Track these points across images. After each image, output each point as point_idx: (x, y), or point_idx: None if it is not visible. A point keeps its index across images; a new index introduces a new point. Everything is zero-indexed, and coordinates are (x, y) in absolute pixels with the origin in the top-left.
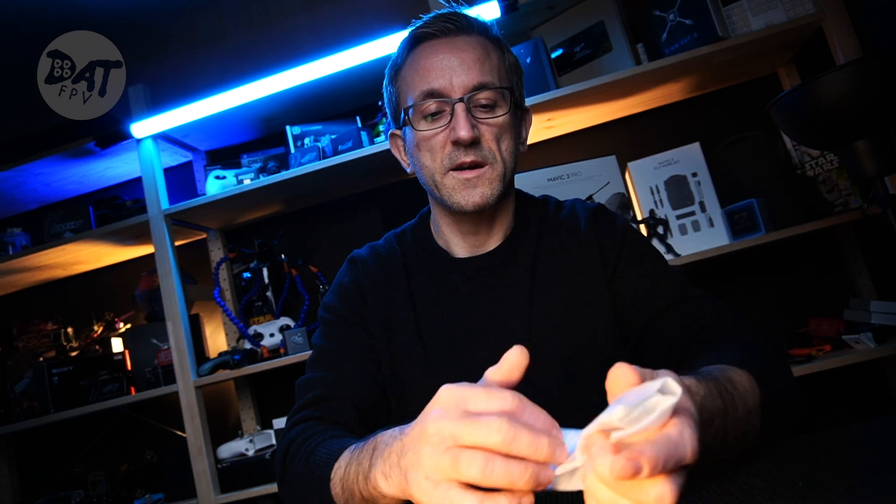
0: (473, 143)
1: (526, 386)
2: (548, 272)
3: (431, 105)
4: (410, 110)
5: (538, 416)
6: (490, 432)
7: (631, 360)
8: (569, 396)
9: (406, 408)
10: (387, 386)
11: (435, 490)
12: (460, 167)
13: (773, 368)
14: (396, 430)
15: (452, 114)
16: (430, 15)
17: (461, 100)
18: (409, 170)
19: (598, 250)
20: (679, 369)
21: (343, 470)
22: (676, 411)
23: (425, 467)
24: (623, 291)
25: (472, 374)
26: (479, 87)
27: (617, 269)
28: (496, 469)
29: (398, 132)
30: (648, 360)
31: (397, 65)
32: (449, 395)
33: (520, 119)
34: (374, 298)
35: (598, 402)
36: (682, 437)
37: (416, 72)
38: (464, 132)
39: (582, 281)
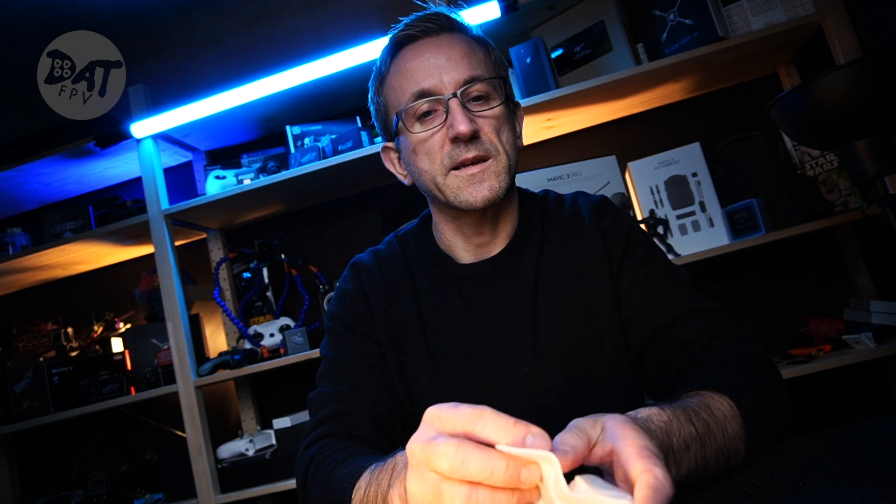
0: (473, 137)
1: (531, 390)
2: (552, 272)
3: (424, 105)
4: (402, 114)
5: (500, 429)
6: (439, 458)
7: (633, 366)
8: (574, 400)
9: (416, 417)
10: (398, 395)
11: None
12: (462, 164)
13: (763, 391)
14: None
15: (447, 111)
16: (410, 18)
17: (454, 95)
18: (406, 181)
19: (602, 246)
20: (675, 385)
21: (363, 491)
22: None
23: (414, 494)
24: (628, 296)
25: (480, 380)
26: (471, 81)
27: (623, 269)
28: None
29: (390, 144)
30: (648, 371)
31: (382, 73)
32: (427, 416)
33: (513, 113)
34: (380, 305)
35: (603, 406)
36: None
37: (403, 75)
38: (463, 126)
39: (587, 278)
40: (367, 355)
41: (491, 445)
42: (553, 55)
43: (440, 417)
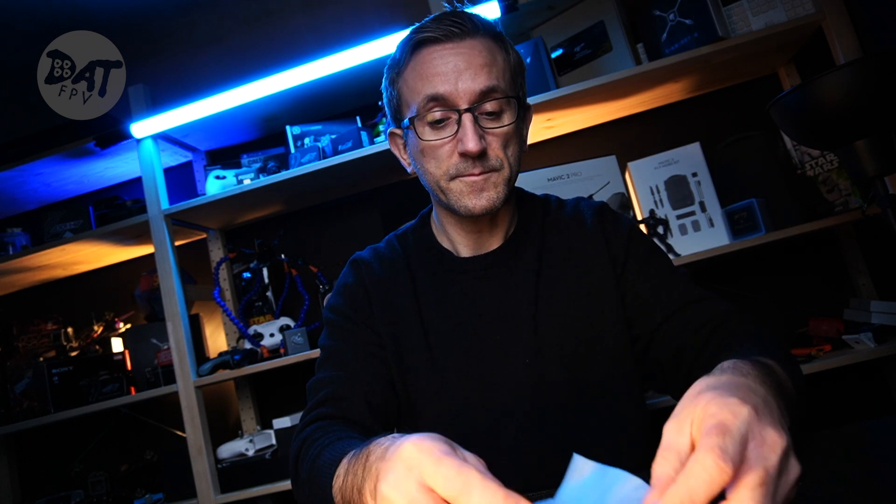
0: (481, 154)
1: (532, 388)
2: (553, 270)
3: (437, 113)
4: (415, 118)
5: (490, 495)
6: None
7: (639, 360)
8: (574, 393)
9: (413, 409)
10: (395, 386)
11: None
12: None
13: (793, 365)
14: (387, 442)
15: (459, 124)
16: (434, 16)
17: (469, 110)
18: (409, 169)
19: (605, 247)
20: (692, 369)
21: (342, 479)
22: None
23: None
24: (633, 291)
25: (479, 374)
26: (487, 91)
27: (626, 268)
28: None
29: (398, 131)
30: (660, 358)
31: (399, 66)
32: (404, 456)
33: (522, 120)
34: (379, 299)
35: (604, 404)
36: (704, 465)
37: (421, 77)
38: (472, 144)
39: (589, 278)
40: (364, 344)
41: None
42: (553, 55)
43: (421, 466)
